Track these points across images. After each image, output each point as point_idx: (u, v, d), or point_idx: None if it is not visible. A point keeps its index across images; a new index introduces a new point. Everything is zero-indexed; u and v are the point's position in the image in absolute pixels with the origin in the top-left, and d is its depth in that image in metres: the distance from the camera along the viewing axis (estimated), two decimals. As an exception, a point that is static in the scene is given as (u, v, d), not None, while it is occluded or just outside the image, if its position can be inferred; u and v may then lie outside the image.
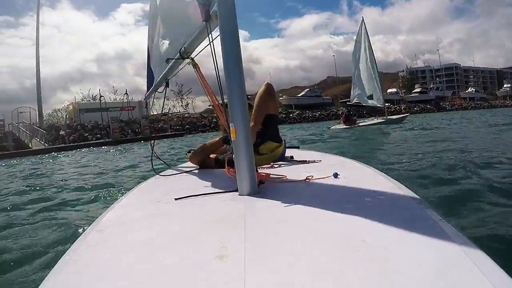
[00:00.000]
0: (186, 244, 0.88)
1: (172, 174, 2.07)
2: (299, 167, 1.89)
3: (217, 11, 1.29)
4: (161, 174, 2.19)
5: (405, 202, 1.10)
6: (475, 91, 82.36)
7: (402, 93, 69.24)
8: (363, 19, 25.15)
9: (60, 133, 28.60)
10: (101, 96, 36.10)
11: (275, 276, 0.66)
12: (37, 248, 2.60)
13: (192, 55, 1.76)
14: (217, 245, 0.81)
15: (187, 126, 36.82)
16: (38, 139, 26.36)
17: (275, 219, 1.00)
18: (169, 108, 50.68)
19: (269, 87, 2.09)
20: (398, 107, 54.64)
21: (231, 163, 1.42)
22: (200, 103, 60.61)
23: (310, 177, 1.44)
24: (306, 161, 1.99)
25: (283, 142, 2.15)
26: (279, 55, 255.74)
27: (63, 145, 24.97)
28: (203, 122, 38.97)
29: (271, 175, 1.50)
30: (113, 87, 76.44)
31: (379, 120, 20.74)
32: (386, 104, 36.54)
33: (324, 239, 0.82)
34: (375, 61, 23.75)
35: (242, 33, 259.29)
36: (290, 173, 1.66)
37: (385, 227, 0.86)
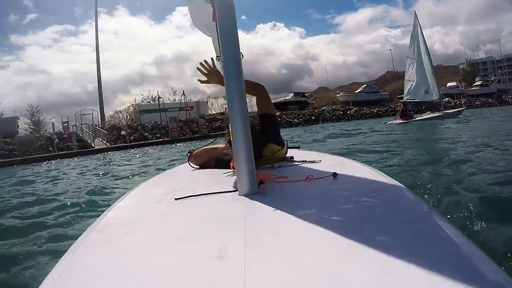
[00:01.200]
0: (186, 244, 0.88)
1: (171, 174, 2.07)
2: (299, 167, 1.87)
3: (216, 11, 1.30)
4: (160, 175, 2.22)
5: (405, 202, 1.09)
6: (539, 83, 75.74)
7: (462, 87, 65.27)
8: (415, 13, 24.77)
9: (121, 133, 30.00)
10: (159, 98, 37.94)
11: (275, 276, 0.66)
12: (38, 248, 2.75)
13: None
14: (217, 245, 0.82)
15: (245, 125, 36.58)
16: (100, 139, 28.00)
17: (275, 219, 1.00)
18: (226, 108, 51.02)
19: (260, 85, 2.12)
20: (458, 101, 51.36)
21: None
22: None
23: (310, 177, 1.41)
24: (306, 161, 1.96)
25: (285, 144, 2.12)
26: (336, 51, 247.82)
27: (124, 144, 26.30)
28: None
29: (271, 175, 1.48)
30: (172, 88, 79.21)
31: (435, 114, 21.16)
32: (446, 99, 35.12)
33: (324, 239, 0.82)
34: (429, 54, 23.36)
35: (298, 30, 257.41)
36: (290, 173, 1.65)
37: (385, 227, 0.85)
